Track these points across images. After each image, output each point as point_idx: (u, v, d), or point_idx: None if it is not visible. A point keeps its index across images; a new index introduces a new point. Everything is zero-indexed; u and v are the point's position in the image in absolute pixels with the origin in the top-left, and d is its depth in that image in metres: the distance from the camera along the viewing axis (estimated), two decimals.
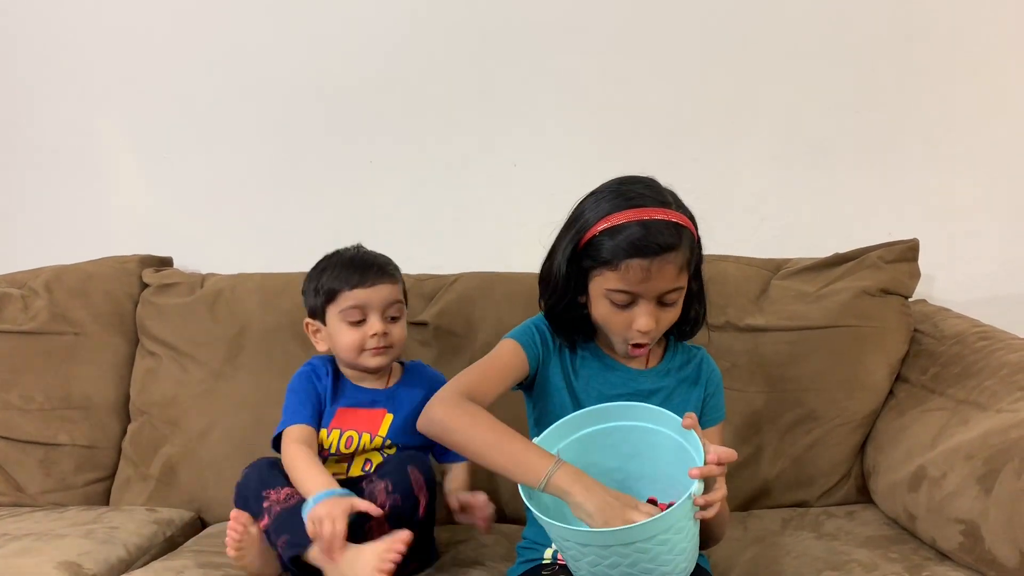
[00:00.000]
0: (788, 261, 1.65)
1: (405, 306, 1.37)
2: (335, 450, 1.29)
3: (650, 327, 1.07)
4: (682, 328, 1.18)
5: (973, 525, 1.12)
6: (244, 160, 1.86)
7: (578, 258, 1.10)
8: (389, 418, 1.31)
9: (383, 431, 1.30)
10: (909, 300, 1.58)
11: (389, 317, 1.31)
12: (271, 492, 1.18)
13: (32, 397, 1.65)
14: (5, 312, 1.69)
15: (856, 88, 1.75)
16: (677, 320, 1.13)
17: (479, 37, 1.79)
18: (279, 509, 1.15)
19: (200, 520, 1.59)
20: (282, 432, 1.27)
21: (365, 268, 1.30)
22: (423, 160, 1.82)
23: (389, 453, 1.30)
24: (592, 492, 0.96)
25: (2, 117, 1.89)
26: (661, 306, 1.09)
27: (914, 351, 1.54)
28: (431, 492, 1.21)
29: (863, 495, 1.50)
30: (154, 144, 1.87)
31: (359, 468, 1.30)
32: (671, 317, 1.11)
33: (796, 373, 1.53)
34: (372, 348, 1.29)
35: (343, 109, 1.83)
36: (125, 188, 1.90)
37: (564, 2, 1.76)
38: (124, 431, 1.67)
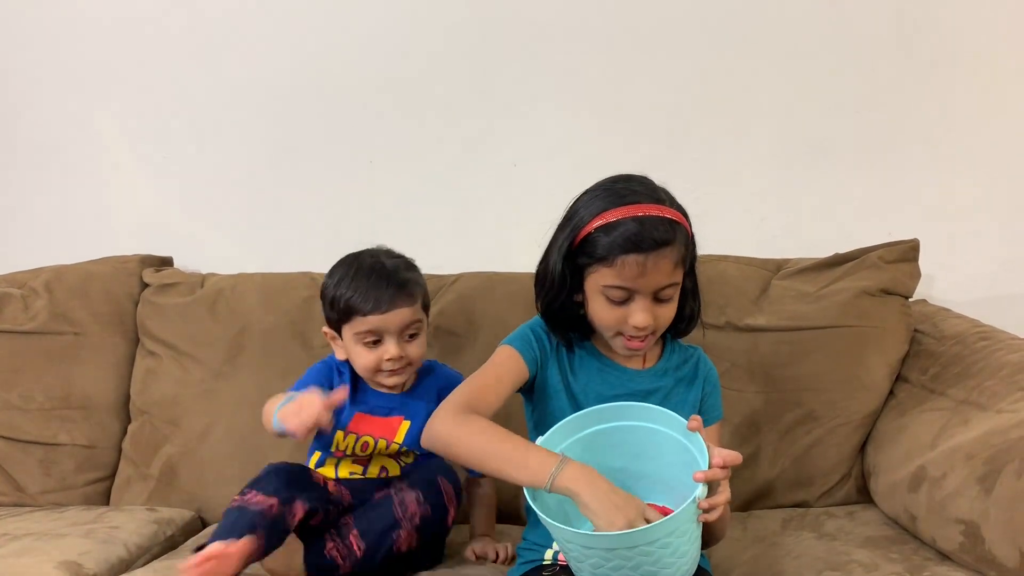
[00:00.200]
0: (788, 261, 1.65)
1: (426, 319, 1.32)
2: (350, 452, 1.28)
3: (647, 323, 1.07)
4: (677, 326, 1.18)
5: (973, 525, 1.12)
6: (244, 160, 1.86)
7: (573, 256, 1.10)
8: (406, 425, 1.30)
9: (399, 438, 1.29)
10: (909, 300, 1.58)
11: (407, 336, 1.27)
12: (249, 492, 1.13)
13: (32, 397, 1.65)
14: (5, 312, 1.69)
15: (856, 88, 1.75)
16: (673, 318, 1.14)
17: (479, 37, 1.79)
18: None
19: (200, 520, 1.59)
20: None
21: (382, 290, 1.23)
22: (423, 160, 1.82)
23: (406, 462, 1.30)
24: (598, 491, 0.95)
25: (2, 117, 1.89)
26: (657, 302, 1.09)
27: (914, 351, 1.54)
28: (459, 501, 1.22)
29: (863, 495, 1.50)
30: (155, 144, 1.87)
31: (375, 472, 1.29)
32: (667, 314, 1.11)
33: (796, 373, 1.53)
34: (388, 370, 1.26)
35: (343, 109, 1.83)
36: (125, 188, 1.90)
37: (564, 2, 1.76)
38: (124, 431, 1.67)
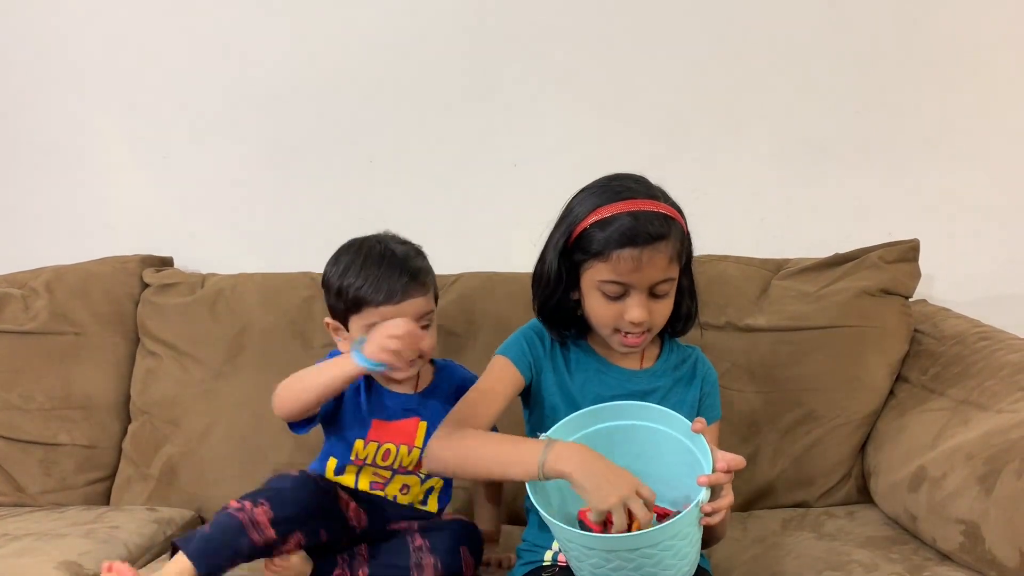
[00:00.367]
0: (788, 261, 1.65)
1: (435, 307, 1.26)
2: (371, 461, 1.24)
3: (643, 318, 1.07)
4: (675, 326, 1.17)
5: (974, 525, 1.12)
6: (245, 160, 1.86)
7: (569, 253, 1.10)
8: (423, 426, 1.26)
9: (419, 441, 1.25)
10: (909, 300, 1.58)
11: (420, 327, 1.19)
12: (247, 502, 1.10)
13: (33, 397, 1.65)
14: (6, 312, 1.69)
15: (856, 88, 1.75)
16: (670, 317, 1.14)
17: (479, 36, 1.79)
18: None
19: (200, 519, 1.58)
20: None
21: (394, 279, 1.17)
22: (423, 160, 1.82)
23: (424, 475, 1.27)
24: (589, 469, 0.95)
25: (2, 117, 1.89)
26: (653, 298, 1.09)
27: (914, 351, 1.54)
28: (477, 563, 1.21)
29: (863, 495, 1.50)
30: (155, 144, 1.87)
31: (396, 489, 1.26)
32: (663, 310, 1.11)
33: (796, 373, 1.53)
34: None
35: (343, 109, 1.83)
36: (126, 188, 1.89)
37: (564, 2, 1.76)
38: (125, 431, 1.67)
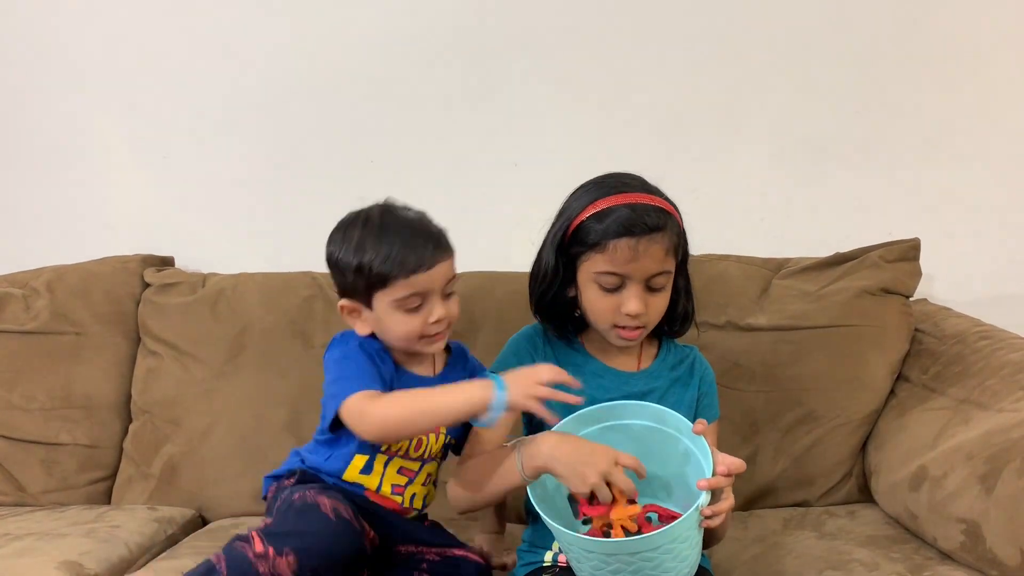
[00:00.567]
0: (789, 261, 1.65)
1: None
2: (403, 452, 1.15)
3: (639, 310, 1.07)
4: (672, 326, 1.18)
5: (974, 525, 1.12)
6: (245, 160, 1.86)
7: (566, 247, 1.10)
8: None
9: (443, 427, 1.19)
10: (910, 299, 1.59)
11: (446, 294, 1.12)
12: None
13: (34, 397, 1.65)
14: (7, 312, 1.69)
15: (856, 88, 1.75)
16: (666, 317, 1.14)
17: (479, 36, 1.79)
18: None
19: (201, 518, 1.58)
20: (347, 401, 1.05)
21: (420, 246, 1.08)
22: (423, 159, 1.82)
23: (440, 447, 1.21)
24: (563, 456, 0.99)
25: (2, 116, 1.89)
26: (649, 291, 1.09)
27: (915, 350, 1.54)
28: None
29: (864, 495, 1.50)
30: (155, 144, 1.87)
31: (418, 486, 1.19)
32: (660, 304, 1.11)
33: (797, 373, 1.53)
34: (433, 335, 1.12)
35: (344, 108, 1.83)
36: (126, 188, 1.89)
37: (565, 2, 1.76)
38: (125, 430, 1.67)
